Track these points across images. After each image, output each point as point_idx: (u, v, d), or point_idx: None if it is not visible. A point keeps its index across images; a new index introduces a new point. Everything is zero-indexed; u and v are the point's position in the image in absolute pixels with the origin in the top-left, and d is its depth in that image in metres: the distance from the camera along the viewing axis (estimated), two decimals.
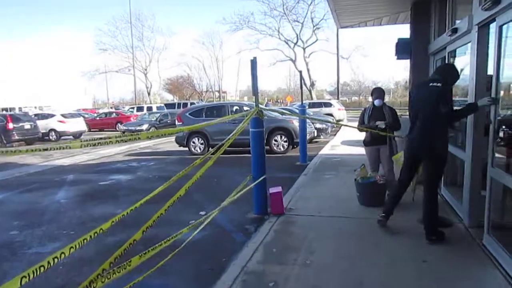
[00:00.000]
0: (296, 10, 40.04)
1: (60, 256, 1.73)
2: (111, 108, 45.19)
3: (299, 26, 39.74)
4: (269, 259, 3.48)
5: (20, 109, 49.05)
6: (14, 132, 17.57)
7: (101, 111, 34.81)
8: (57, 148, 1.84)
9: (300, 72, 10.34)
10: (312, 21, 38.87)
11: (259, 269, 3.28)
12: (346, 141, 12.75)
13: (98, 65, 53.10)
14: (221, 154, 3.66)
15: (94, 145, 1.93)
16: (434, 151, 3.63)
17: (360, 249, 3.61)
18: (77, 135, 21.13)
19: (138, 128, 20.52)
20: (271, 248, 3.74)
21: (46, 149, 1.66)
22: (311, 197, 5.64)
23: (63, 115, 20.90)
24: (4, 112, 31.59)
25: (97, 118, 27.52)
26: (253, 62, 4.68)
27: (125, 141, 2.14)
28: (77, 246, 1.88)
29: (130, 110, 30.98)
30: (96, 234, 1.98)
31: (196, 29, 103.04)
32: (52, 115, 21.05)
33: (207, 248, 3.98)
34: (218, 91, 59.80)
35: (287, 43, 41.12)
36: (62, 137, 20.47)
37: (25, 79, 57.00)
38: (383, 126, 4.93)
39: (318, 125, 13.44)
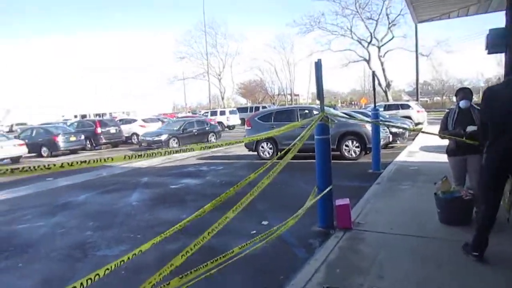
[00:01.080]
0: (369, 7, 38.10)
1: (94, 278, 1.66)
2: (189, 112, 47.41)
3: (373, 24, 38.00)
4: (332, 281, 3.16)
5: (110, 114, 53.74)
6: (102, 136, 19.19)
7: (179, 115, 36.61)
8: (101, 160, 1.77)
9: (373, 72, 9.69)
10: (388, 17, 36.89)
11: None
12: (425, 147, 11.73)
13: (177, 72, 56.00)
14: (290, 159, 3.45)
15: (138, 156, 1.85)
16: None
17: (439, 278, 3.12)
18: (221, 130, 22.54)
19: (156, 138, 17.07)
20: (334, 268, 3.42)
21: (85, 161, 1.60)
22: (383, 211, 5.16)
23: (143, 120, 22.33)
24: (96, 117, 34.75)
25: None
26: (318, 65, 4.40)
27: (185, 151, 2.02)
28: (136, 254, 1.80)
29: (205, 114, 32.14)
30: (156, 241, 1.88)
31: (267, 33, 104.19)
32: (134, 120, 22.60)
33: (265, 262, 3.77)
34: (290, 94, 59.67)
35: (360, 43, 39.57)
36: None
37: (115, 86, 62.26)
38: (473, 132, 4.10)
39: (393, 129, 12.58)
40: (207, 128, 19.43)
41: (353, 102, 71.92)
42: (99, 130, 19.08)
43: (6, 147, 15.08)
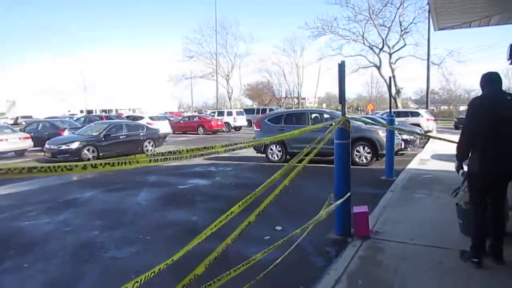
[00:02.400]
0: (383, 14, 37.90)
1: None
2: (194, 111, 47.36)
3: (386, 31, 37.74)
4: None
5: (116, 111, 53.85)
6: None
7: (185, 114, 36.54)
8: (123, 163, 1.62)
9: (390, 78, 9.55)
10: (401, 25, 36.64)
11: None
12: (437, 155, 11.53)
13: (185, 71, 55.96)
14: (296, 162, 3.28)
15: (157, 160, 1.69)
16: None
17: None
18: (163, 137, 22.30)
19: (64, 147, 12.73)
20: (356, 279, 3.25)
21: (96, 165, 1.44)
22: (401, 220, 4.98)
23: (151, 118, 22.24)
24: (103, 113, 34.74)
25: (181, 122, 28.87)
26: (341, 66, 4.23)
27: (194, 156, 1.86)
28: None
29: (212, 114, 32.02)
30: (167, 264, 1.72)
31: (277, 35, 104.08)
32: (141, 117, 22.52)
33: (281, 270, 3.57)
34: (297, 98, 59.48)
35: (371, 49, 39.29)
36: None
37: (122, 84, 62.43)
38: None
39: (405, 136, 12.39)
40: (141, 134, 14.82)
41: (359, 108, 71.69)
42: None
43: (11, 140, 14.99)
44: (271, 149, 11.39)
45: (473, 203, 3.53)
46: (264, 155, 11.59)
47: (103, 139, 13.49)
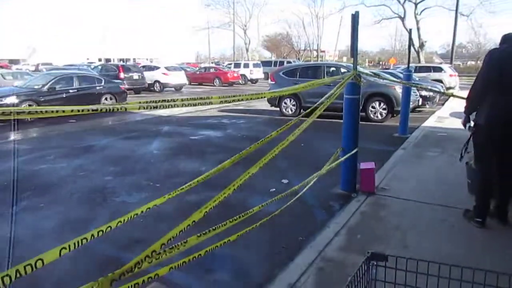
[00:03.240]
0: None
1: (106, 230, 1.57)
2: (212, 63, 46.78)
3: None
4: (352, 247, 3.06)
5: (134, 60, 53.65)
6: (124, 82, 19.11)
7: (201, 66, 36.15)
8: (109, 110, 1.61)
9: (410, 30, 9.09)
10: None
11: (339, 257, 2.89)
12: (456, 113, 11.20)
13: (202, 21, 54.68)
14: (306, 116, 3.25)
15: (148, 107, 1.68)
16: None
17: (469, 251, 2.97)
18: (178, 88, 22.27)
19: None
20: (355, 233, 3.31)
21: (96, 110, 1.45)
22: (409, 177, 4.96)
23: (166, 68, 22.06)
24: (120, 62, 34.64)
25: (197, 73, 28.64)
26: (355, 17, 4.04)
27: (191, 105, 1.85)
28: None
29: (228, 65, 31.59)
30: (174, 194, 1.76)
31: None
32: (157, 68, 22.36)
33: (283, 222, 3.66)
34: (316, 50, 57.82)
35: None
36: (165, 89, 21.78)
37: (140, 32, 61.63)
38: None
39: (424, 92, 12.04)
40: (98, 88, 12.82)
41: (381, 62, 69.40)
42: (122, 75, 18.99)
43: None
44: (285, 103, 11.28)
45: (477, 160, 3.47)
46: (278, 108, 11.51)
47: (46, 92, 11.21)
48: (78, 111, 1.44)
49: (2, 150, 7.23)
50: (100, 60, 51.45)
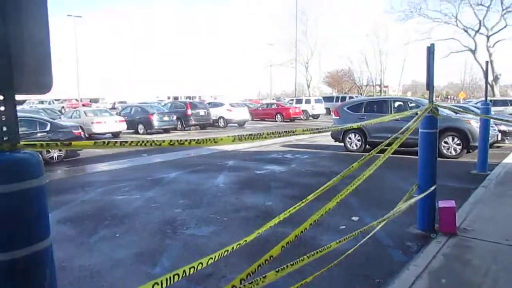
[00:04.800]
0: None
1: (197, 267, 1.59)
2: (273, 99, 47.73)
3: (484, 11, 34.04)
4: None
5: (199, 97, 56.56)
6: (191, 118, 20.13)
7: (263, 102, 37.00)
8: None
9: (487, 62, 8.62)
10: (502, 3, 32.74)
11: None
12: None
13: (265, 59, 56.49)
14: (376, 152, 3.11)
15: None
16: None
17: None
18: (241, 123, 22.90)
19: None
20: (439, 277, 3.04)
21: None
22: (494, 218, 4.53)
23: (231, 105, 22.90)
24: (187, 99, 36.68)
25: (259, 109, 29.31)
26: (430, 50, 3.92)
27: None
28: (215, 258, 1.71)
29: (290, 102, 31.99)
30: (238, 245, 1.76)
31: (360, 20, 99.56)
32: (221, 104, 23.29)
33: (358, 262, 3.48)
34: (379, 85, 56.73)
35: (466, 31, 35.78)
36: (229, 124, 22.50)
37: (205, 70, 65.30)
38: None
39: (503, 127, 11.17)
40: (39, 135, 9.93)
41: (449, 96, 66.20)
42: (189, 111, 20.03)
43: (109, 122, 16.59)
44: (349, 138, 11.05)
45: None
46: (342, 143, 11.30)
47: None
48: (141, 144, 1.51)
49: (82, 181, 7.81)
50: (168, 98, 54.88)
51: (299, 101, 30.76)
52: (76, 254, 3.94)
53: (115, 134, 17.09)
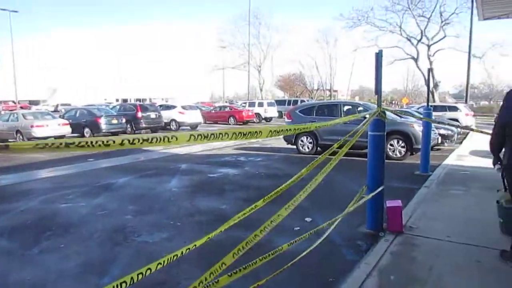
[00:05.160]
0: (422, 4, 36.63)
1: (146, 273, 1.52)
2: (226, 102, 47.67)
3: (425, 22, 36.45)
4: None
5: (150, 100, 55.13)
6: (142, 121, 19.52)
7: (216, 105, 36.80)
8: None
9: (428, 70, 9.18)
10: (441, 15, 35.27)
11: None
12: (475, 151, 11.02)
13: (217, 62, 56.34)
14: (328, 155, 3.19)
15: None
16: None
17: None
18: (193, 126, 22.58)
19: None
20: (388, 274, 3.16)
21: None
22: (436, 216, 4.80)
23: (183, 107, 22.53)
24: (137, 102, 35.61)
25: (212, 111, 29.11)
26: (378, 56, 4.09)
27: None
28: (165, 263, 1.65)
29: (243, 104, 32.09)
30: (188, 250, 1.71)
31: (311, 26, 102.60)
32: (173, 107, 22.85)
33: (312, 262, 3.52)
34: (329, 90, 58.59)
35: (409, 40, 38.07)
36: (181, 127, 22.10)
37: (156, 73, 63.77)
38: None
39: (442, 131, 11.95)
40: None
41: (393, 101, 69.76)
42: (139, 114, 19.42)
43: (51, 126, 15.67)
44: (301, 141, 11.27)
45: None
46: (294, 146, 11.50)
47: None
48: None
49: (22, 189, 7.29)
50: (117, 100, 52.96)
51: (252, 104, 30.92)
52: (14, 267, 3.65)
53: (59, 138, 16.16)
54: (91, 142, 1.27)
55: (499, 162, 3.40)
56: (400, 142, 9.94)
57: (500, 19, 7.63)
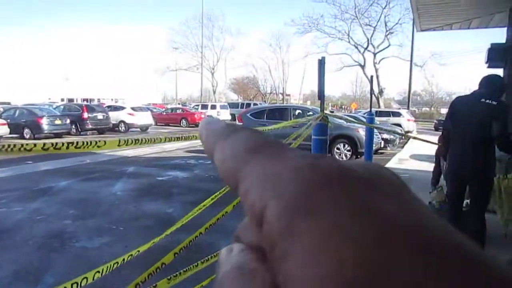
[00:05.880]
0: (368, 13, 38.59)
1: (81, 282, 1.47)
2: (179, 104, 46.97)
3: (371, 30, 38.36)
4: None
5: (98, 100, 52.94)
6: (88, 122, 18.70)
7: (169, 106, 36.15)
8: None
9: (371, 77, 9.64)
10: (386, 25, 37.31)
11: None
12: (415, 155, 11.72)
13: (169, 63, 55.44)
14: None
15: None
16: (486, 174, 3.12)
17: None
18: (143, 128, 22.03)
19: None
20: None
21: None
22: None
23: (132, 108, 21.88)
24: (83, 102, 34.06)
25: (164, 113, 28.56)
26: (321, 62, 4.23)
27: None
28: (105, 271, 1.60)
29: (195, 107, 31.81)
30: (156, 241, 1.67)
31: (264, 30, 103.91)
32: (122, 108, 22.13)
33: None
34: (282, 94, 59.66)
35: (356, 48, 39.82)
36: (130, 129, 21.46)
37: (105, 73, 61.43)
38: None
39: (385, 136, 12.58)
40: None
41: (343, 107, 72.38)
42: (85, 115, 18.60)
43: None
44: None
45: (449, 203, 3.56)
46: None
47: None
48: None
49: None
50: (62, 100, 50.38)
51: (204, 107, 30.78)
52: None
53: None
54: (9, 146, 1.21)
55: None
56: (346, 146, 10.35)
57: (435, 31, 8.18)
